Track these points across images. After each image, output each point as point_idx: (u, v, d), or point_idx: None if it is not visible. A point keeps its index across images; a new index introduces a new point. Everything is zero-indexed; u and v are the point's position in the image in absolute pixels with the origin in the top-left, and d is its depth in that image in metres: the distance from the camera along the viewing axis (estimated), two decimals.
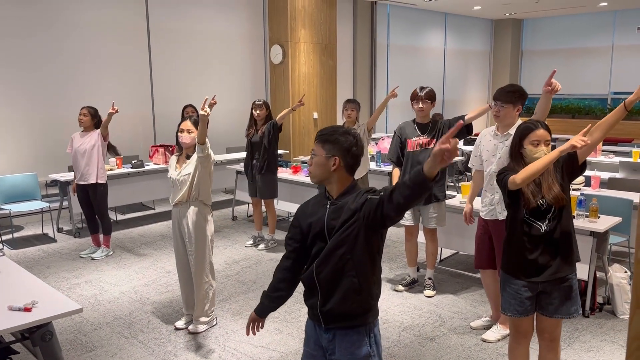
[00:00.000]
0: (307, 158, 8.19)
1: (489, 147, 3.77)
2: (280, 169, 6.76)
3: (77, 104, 7.21)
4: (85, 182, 5.60)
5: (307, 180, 6.28)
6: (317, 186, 6.17)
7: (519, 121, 3.63)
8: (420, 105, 4.43)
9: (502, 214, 3.64)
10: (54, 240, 6.42)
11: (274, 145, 5.78)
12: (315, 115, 9.64)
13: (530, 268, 2.78)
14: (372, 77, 11.53)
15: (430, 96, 4.44)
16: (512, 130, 3.60)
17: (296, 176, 6.51)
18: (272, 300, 2.39)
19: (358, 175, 5.67)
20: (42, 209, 6.44)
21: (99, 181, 5.60)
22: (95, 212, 5.77)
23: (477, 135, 4.34)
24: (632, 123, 12.29)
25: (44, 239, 6.50)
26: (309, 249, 2.23)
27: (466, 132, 4.34)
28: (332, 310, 2.16)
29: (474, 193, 4.10)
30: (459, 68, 13.83)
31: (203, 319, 4.03)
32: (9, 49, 6.87)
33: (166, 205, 8.07)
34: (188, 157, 3.87)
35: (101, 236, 5.86)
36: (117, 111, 5.39)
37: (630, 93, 2.87)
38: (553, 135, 2.84)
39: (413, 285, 4.84)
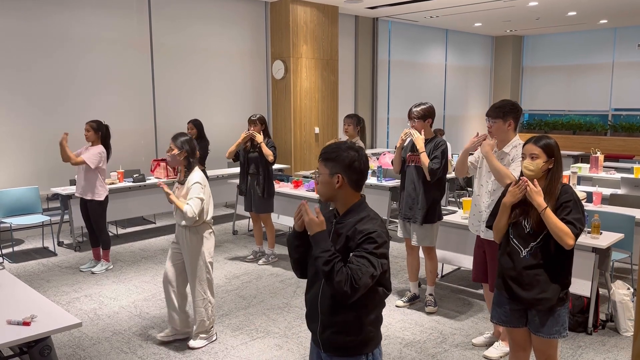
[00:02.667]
0: (308, 172, 8.20)
1: None
2: (281, 184, 6.78)
3: (79, 118, 7.26)
4: (82, 196, 5.62)
5: (308, 194, 6.28)
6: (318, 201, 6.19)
7: (516, 137, 3.64)
8: (411, 124, 4.50)
9: (485, 233, 3.69)
10: (54, 254, 6.40)
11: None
12: (317, 130, 9.67)
13: (509, 287, 2.81)
14: (374, 93, 11.59)
15: (422, 115, 4.44)
16: (507, 149, 3.59)
17: (297, 190, 6.51)
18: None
19: None
20: (42, 222, 6.44)
21: (95, 198, 5.60)
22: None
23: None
24: (634, 139, 12.31)
25: (44, 252, 6.48)
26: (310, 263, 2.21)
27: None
28: (330, 340, 2.15)
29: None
30: (459, 84, 13.90)
31: (202, 334, 4.01)
32: (12, 63, 6.92)
33: (167, 219, 8.06)
34: (185, 176, 3.89)
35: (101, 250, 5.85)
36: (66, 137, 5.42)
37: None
38: None
39: (414, 301, 4.80)
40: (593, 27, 12.98)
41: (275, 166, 8.66)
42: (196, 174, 3.86)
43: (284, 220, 6.70)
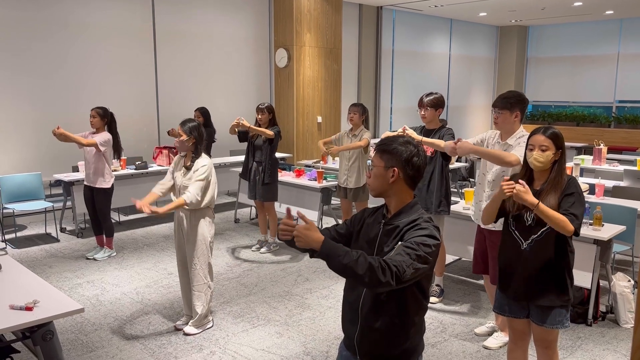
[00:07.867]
0: (310, 162, 8.19)
1: None
2: (283, 172, 6.78)
3: (83, 105, 7.26)
4: (89, 184, 5.62)
5: (310, 183, 6.28)
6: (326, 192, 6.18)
7: (521, 128, 3.62)
8: (422, 113, 4.41)
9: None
10: (56, 240, 6.43)
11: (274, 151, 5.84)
12: (320, 119, 9.64)
13: (506, 283, 2.83)
14: (377, 82, 11.54)
15: (434, 103, 4.36)
16: (511, 141, 3.56)
17: (299, 179, 6.51)
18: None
19: (359, 184, 5.58)
20: (45, 208, 6.45)
21: (102, 186, 5.60)
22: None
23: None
24: (638, 132, 12.24)
25: (47, 238, 6.51)
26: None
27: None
28: (368, 348, 2.04)
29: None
30: (463, 74, 13.83)
31: (199, 319, 4.04)
32: (15, 50, 6.90)
33: None
34: (192, 161, 3.90)
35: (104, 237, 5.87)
36: (59, 130, 5.29)
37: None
38: None
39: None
40: (599, 18, 12.87)
41: (278, 155, 8.64)
42: (203, 159, 3.90)
43: (285, 209, 6.70)
